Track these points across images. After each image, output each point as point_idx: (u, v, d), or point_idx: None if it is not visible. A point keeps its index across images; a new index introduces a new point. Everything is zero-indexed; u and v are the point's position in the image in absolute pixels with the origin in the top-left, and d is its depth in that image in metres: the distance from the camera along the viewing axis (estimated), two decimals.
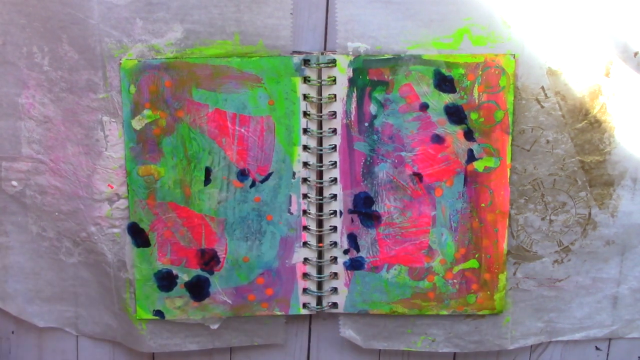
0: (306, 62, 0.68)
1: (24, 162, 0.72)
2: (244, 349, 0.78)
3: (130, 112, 0.69)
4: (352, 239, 0.72)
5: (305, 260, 0.73)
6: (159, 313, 0.74)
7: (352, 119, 0.70)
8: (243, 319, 0.75)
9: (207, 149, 0.70)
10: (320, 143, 0.71)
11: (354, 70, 0.68)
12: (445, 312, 0.73)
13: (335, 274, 0.73)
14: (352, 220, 0.72)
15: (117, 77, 0.68)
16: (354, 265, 0.72)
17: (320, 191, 0.72)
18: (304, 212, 0.72)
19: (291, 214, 0.72)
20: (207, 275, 0.73)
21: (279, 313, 0.75)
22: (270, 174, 0.71)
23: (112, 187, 0.71)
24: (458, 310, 0.73)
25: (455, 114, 0.69)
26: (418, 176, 0.70)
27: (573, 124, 0.70)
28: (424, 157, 0.70)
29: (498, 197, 0.70)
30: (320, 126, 0.70)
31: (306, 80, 0.69)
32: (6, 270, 0.76)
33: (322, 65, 0.68)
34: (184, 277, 0.73)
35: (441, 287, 0.73)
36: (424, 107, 0.69)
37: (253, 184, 0.71)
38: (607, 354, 0.78)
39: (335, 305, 0.74)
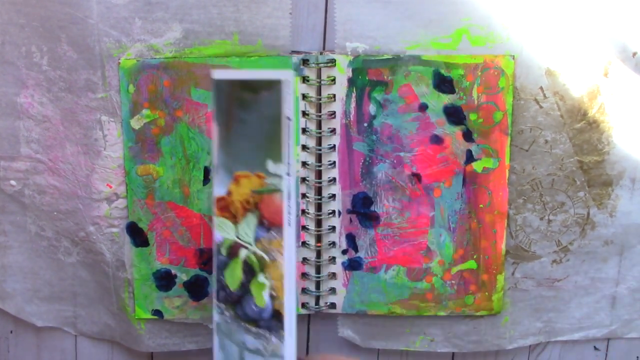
0: (305, 62, 0.68)
1: (23, 162, 0.72)
2: None
3: (129, 112, 0.69)
4: (351, 239, 0.72)
5: (304, 260, 0.73)
6: (157, 313, 0.74)
7: (351, 119, 0.70)
8: None
9: (206, 149, 0.70)
10: (319, 143, 0.71)
11: (353, 71, 0.68)
12: (443, 313, 0.73)
13: (334, 274, 0.73)
14: (351, 221, 0.72)
15: (116, 76, 0.68)
16: (352, 265, 0.73)
17: (319, 191, 0.72)
18: (303, 211, 0.72)
19: None
20: (206, 274, 0.73)
21: None
22: None
23: (110, 187, 0.71)
24: (456, 311, 0.73)
25: (454, 115, 0.69)
26: (417, 177, 0.70)
27: (571, 124, 0.70)
28: (423, 157, 0.70)
29: (496, 198, 0.70)
30: (319, 126, 0.70)
31: (305, 80, 0.69)
32: (5, 269, 0.76)
33: (322, 65, 0.68)
34: (183, 277, 0.73)
35: (439, 288, 0.73)
36: (423, 107, 0.69)
37: None
38: (606, 354, 0.78)
39: (333, 305, 0.74)
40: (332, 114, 0.70)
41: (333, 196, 0.71)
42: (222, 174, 0.58)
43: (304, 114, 0.70)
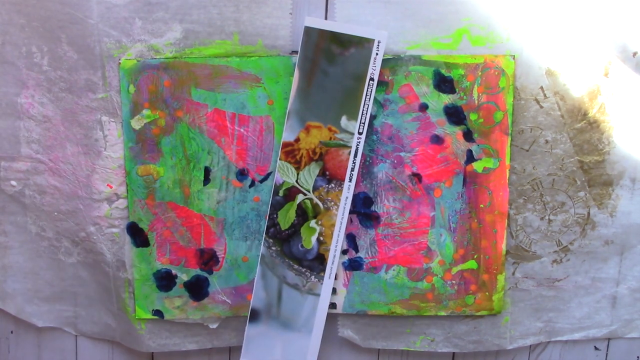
0: None
1: (23, 162, 0.72)
2: None
3: (130, 112, 0.69)
4: (351, 239, 0.72)
5: None
6: (158, 313, 0.74)
7: None
8: (242, 318, 0.75)
9: (206, 149, 0.70)
10: None
11: None
12: (443, 313, 0.73)
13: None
14: (351, 221, 0.72)
15: (116, 77, 0.68)
16: (353, 265, 0.72)
17: None
18: None
19: None
20: (206, 275, 0.73)
21: None
22: (269, 174, 0.71)
23: (111, 187, 0.71)
24: (456, 311, 0.73)
25: (454, 115, 0.69)
26: (417, 177, 0.70)
27: (572, 124, 0.70)
28: (423, 157, 0.70)
29: (497, 198, 0.70)
30: None
31: None
32: (5, 270, 0.76)
33: None
34: (183, 277, 0.73)
35: (440, 288, 0.73)
36: (424, 107, 0.69)
37: (252, 184, 0.71)
38: (606, 354, 0.78)
39: (333, 305, 0.74)
40: None
41: None
42: (294, 121, 0.61)
43: None
